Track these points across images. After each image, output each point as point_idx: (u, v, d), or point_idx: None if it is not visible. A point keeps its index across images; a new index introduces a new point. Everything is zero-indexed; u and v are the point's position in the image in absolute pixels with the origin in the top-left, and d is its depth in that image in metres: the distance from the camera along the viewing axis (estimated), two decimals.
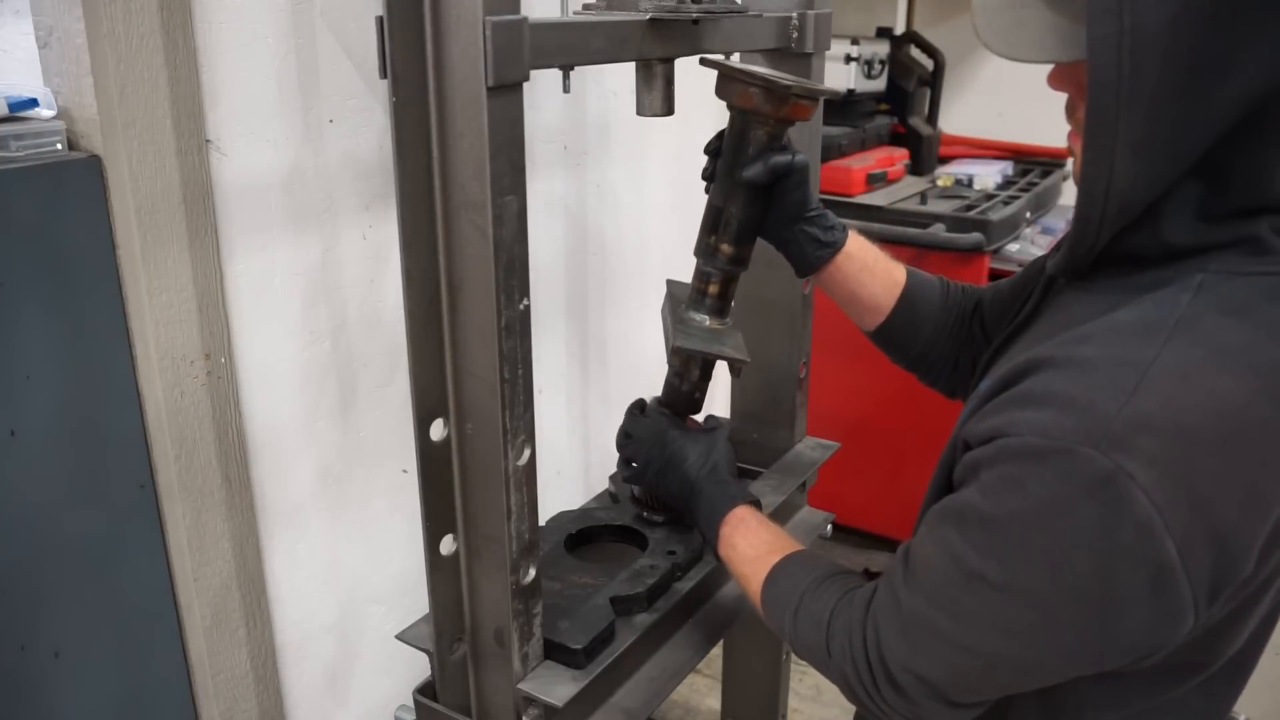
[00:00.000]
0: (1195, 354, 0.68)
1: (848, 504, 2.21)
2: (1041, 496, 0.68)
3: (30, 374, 1.06)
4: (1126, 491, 0.65)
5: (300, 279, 1.33)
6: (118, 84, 1.05)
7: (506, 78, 0.90)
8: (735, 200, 1.17)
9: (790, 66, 1.45)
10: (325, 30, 1.28)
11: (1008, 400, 0.74)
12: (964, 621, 0.75)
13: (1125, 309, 0.74)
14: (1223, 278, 0.72)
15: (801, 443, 1.66)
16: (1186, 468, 0.65)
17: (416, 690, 1.19)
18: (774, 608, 0.97)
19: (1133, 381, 0.67)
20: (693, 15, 1.13)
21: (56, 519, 1.12)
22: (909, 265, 1.23)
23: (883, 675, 0.81)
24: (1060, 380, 0.70)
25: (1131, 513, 0.65)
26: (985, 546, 0.73)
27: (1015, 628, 0.73)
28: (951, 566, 0.75)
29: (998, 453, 0.72)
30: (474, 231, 0.95)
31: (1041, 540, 0.69)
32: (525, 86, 0.93)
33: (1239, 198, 0.71)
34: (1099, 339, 0.72)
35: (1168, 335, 0.69)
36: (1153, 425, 0.66)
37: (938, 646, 0.77)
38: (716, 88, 1.15)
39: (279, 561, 1.39)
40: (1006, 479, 0.71)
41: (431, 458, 1.05)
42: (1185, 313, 0.70)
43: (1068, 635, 0.71)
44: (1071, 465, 0.66)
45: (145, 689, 1.26)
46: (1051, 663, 0.75)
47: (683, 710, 2.32)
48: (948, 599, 0.76)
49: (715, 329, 1.24)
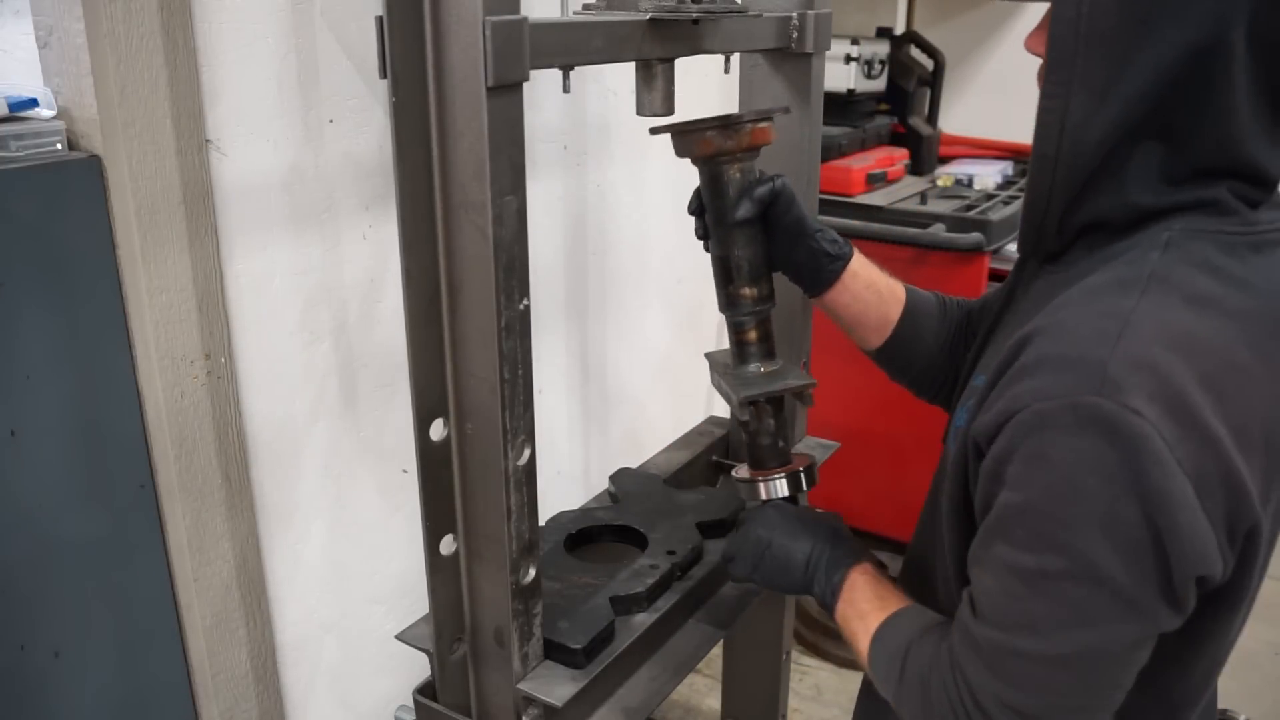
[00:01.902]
0: (1172, 301, 0.70)
1: (848, 504, 2.20)
2: (1066, 460, 0.68)
3: (30, 374, 1.06)
4: (1139, 429, 0.66)
5: (300, 279, 1.33)
6: (118, 84, 1.05)
7: (506, 78, 0.90)
8: (736, 244, 1.15)
9: (790, 66, 1.45)
10: (325, 30, 1.28)
11: (1005, 383, 0.74)
12: (1042, 630, 0.73)
13: (1096, 274, 0.76)
14: (1188, 235, 0.74)
15: (801, 443, 1.66)
16: (1184, 405, 0.67)
17: (416, 690, 1.19)
18: (879, 669, 0.91)
19: (1117, 328, 0.69)
20: (693, 15, 1.13)
21: (56, 519, 1.12)
22: (905, 282, 1.21)
23: (981, 718, 0.77)
24: (1047, 344, 0.72)
25: (1150, 449, 0.65)
26: (1033, 539, 0.71)
27: (1092, 612, 0.70)
28: (1009, 579, 0.73)
29: (1011, 436, 0.71)
30: (474, 231, 0.95)
31: (1083, 506, 0.68)
32: (525, 86, 0.93)
33: (1198, 158, 0.73)
34: (1076, 301, 0.74)
35: (1143, 287, 0.71)
36: (1144, 364, 0.67)
37: (1027, 669, 0.74)
38: (676, 149, 1.15)
39: (279, 561, 1.39)
40: (1028, 459, 0.70)
41: (431, 458, 1.05)
42: (1156, 267, 0.72)
43: (1140, 594, 0.69)
44: (1081, 417, 0.67)
45: (145, 689, 1.26)
46: (1136, 633, 0.72)
47: (683, 710, 2.32)
48: (1018, 614, 0.74)
49: (769, 372, 1.19)
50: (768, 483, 1.19)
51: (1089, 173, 0.75)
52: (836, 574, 1.02)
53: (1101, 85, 0.72)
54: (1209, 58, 0.70)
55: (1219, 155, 0.73)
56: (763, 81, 1.50)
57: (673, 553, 1.31)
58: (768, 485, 1.20)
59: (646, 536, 1.36)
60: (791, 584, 1.07)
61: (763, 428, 1.19)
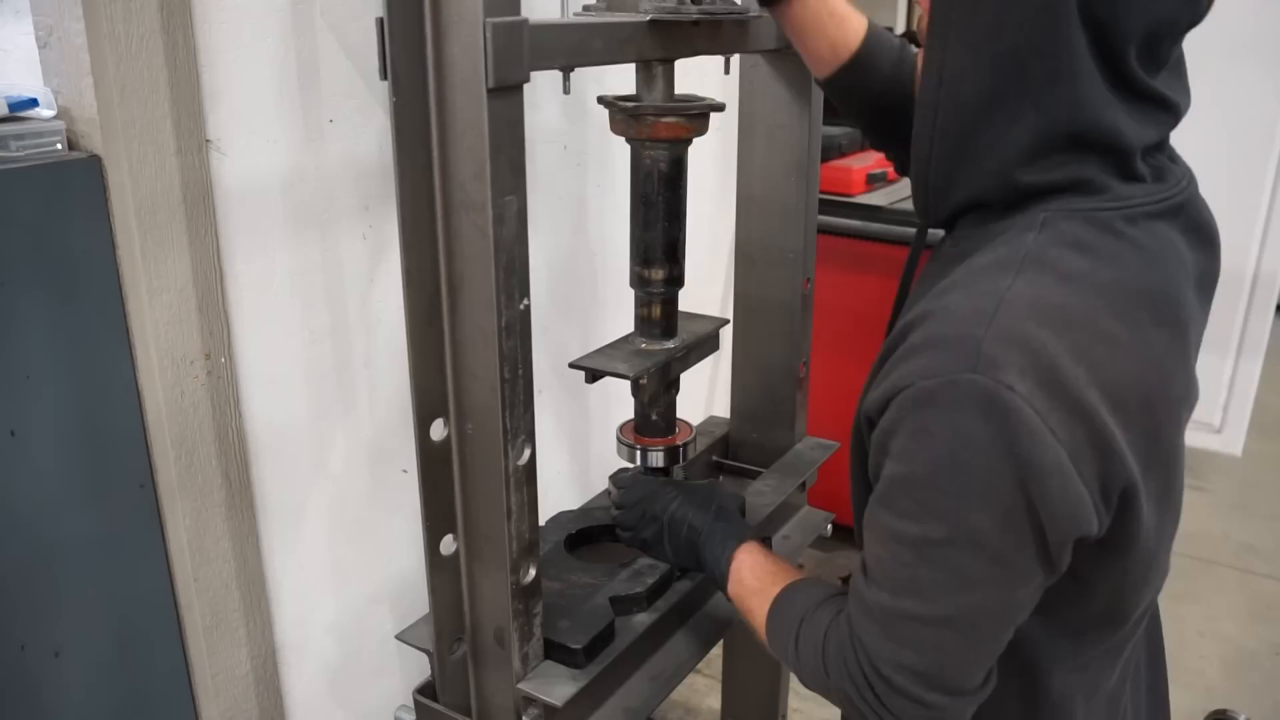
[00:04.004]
0: (1045, 280, 0.74)
1: (848, 504, 2.21)
2: (946, 434, 0.72)
3: (30, 374, 1.06)
4: (1011, 403, 0.69)
5: (300, 279, 1.33)
6: (118, 84, 1.05)
7: (507, 79, 0.90)
8: (646, 225, 1.27)
9: (790, 67, 1.45)
10: (325, 30, 1.28)
11: (893, 362, 0.78)
12: (928, 594, 0.77)
13: (979, 254, 0.79)
14: (1062, 215, 0.78)
15: (801, 443, 1.66)
16: (1055, 377, 0.71)
17: (416, 690, 1.20)
18: (776, 638, 0.96)
19: (992, 307, 0.73)
20: (693, 16, 1.13)
21: (56, 519, 1.12)
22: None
23: (880, 682, 0.81)
24: (933, 325, 0.75)
25: (1022, 421, 0.70)
26: (917, 509, 0.76)
27: (974, 576, 0.75)
28: (897, 547, 0.78)
29: (897, 412, 0.75)
30: (474, 231, 0.95)
31: (962, 477, 0.72)
32: (525, 86, 0.93)
33: (1060, 124, 0.76)
34: (960, 284, 0.77)
35: (1019, 268, 0.75)
36: (1015, 340, 0.71)
37: (917, 631, 0.79)
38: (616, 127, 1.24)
39: (279, 561, 1.39)
40: (911, 433, 0.74)
41: (431, 458, 1.05)
42: (1031, 248, 0.76)
43: (1018, 557, 0.74)
44: (959, 394, 0.71)
45: (145, 689, 1.26)
46: (1020, 594, 0.77)
47: (683, 710, 2.32)
48: (906, 579, 0.78)
49: (659, 349, 1.32)
50: (647, 451, 1.35)
51: (966, 132, 0.79)
52: (724, 554, 1.09)
53: (973, 40, 0.76)
54: (1053, 23, 0.73)
55: (1077, 121, 0.76)
56: (763, 82, 1.50)
57: None
58: (646, 454, 1.35)
59: None
60: (680, 559, 1.17)
61: (651, 399, 1.34)
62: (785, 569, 1.05)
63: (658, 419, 1.36)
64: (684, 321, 1.38)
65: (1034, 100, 0.76)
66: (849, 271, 2.55)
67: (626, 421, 1.40)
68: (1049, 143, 0.77)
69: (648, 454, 1.36)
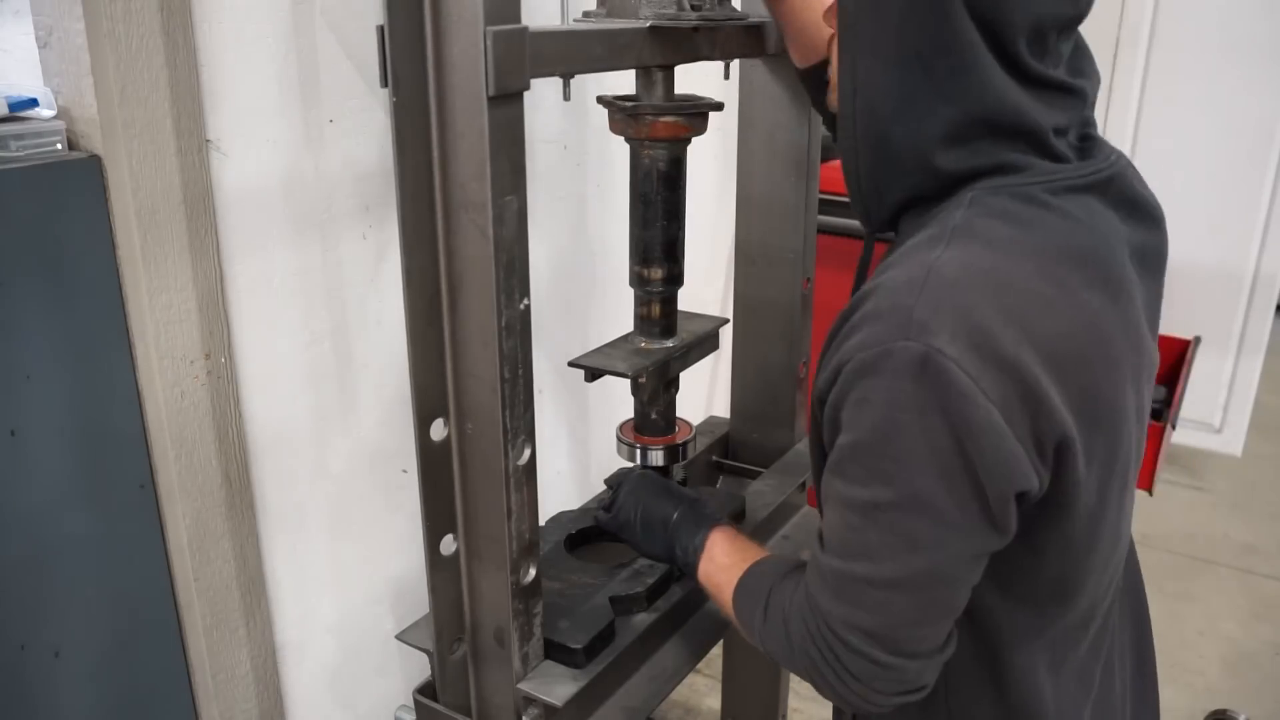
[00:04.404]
0: (973, 247, 0.78)
1: None
2: (884, 400, 0.75)
3: (30, 374, 1.06)
4: (942, 365, 0.72)
5: (300, 279, 1.33)
6: (118, 84, 1.05)
7: (508, 87, 0.90)
8: (645, 225, 1.28)
9: (789, 71, 1.45)
10: (325, 30, 1.28)
11: (838, 340, 0.82)
12: (877, 556, 0.80)
13: (915, 236, 0.83)
14: (988, 192, 0.81)
15: (801, 442, 1.66)
16: (984, 338, 0.73)
17: (416, 690, 1.20)
18: (744, 613, 0.98)
19: (922, 275, 0.76)
20: (693, 22, 1.13)
21: (56, 519, 1.12)
22: None
23: (838, 644, 0.83)
24: (871, 302, 0.79)
25: (953, 383, 0.72)
26: (865, 474, 0.79)
27: (920, 537, 0.78)
28: (848, 513, 0.81)
29: (842, 385, 0.79)
30: (474, 231, 0.95)
31: (903, 441, 0.75)
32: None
33: (974, 112, 0.79)
34: (896, 263, 0.81)
35: (947, 240, 0.79)
36: (944, 305, 0.74)
37: (868, 592, 0.81)
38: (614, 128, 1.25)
39: (279, 561, 1.39)
40: (855, 403, 0.78)
41: (431, 458, 1.05)
42: (959, 222, 0.80)
43: (962, 517, 0.76)
44: (894, 362, 0.74)
45: (145, 689, 1.26)
46: (964, 554, 0.80)
47: (683, 710, 2.32)
48: (857, 544, 0.81)
49: (657, 348, 1.34)
50: (647, 450, 1.38)
51: (885, 138, 0.83)
52: (697, 535, 1.12)
53: (879, 49, 0.81)
54: (947, 23, 0.77)
55: (986, 105, 0.79)
56: (763, 82, 1.50)
57: None
58: (645, 453, 1.38)
59: None
60: (652, 546, 1.19)
61: (650, 398, 1.35)
62: (756, 548, 1.08)
63: (657, 418, 1.36)
64: (684, 321, 1.38)
65: (944, 94, 0.79)
66: (849, 271, 2.54)
67: (626, 421, 1.40)
68: (964, 129, 0.80)
69: (647, 453, 1.36)
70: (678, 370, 1.35)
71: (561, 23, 1.09)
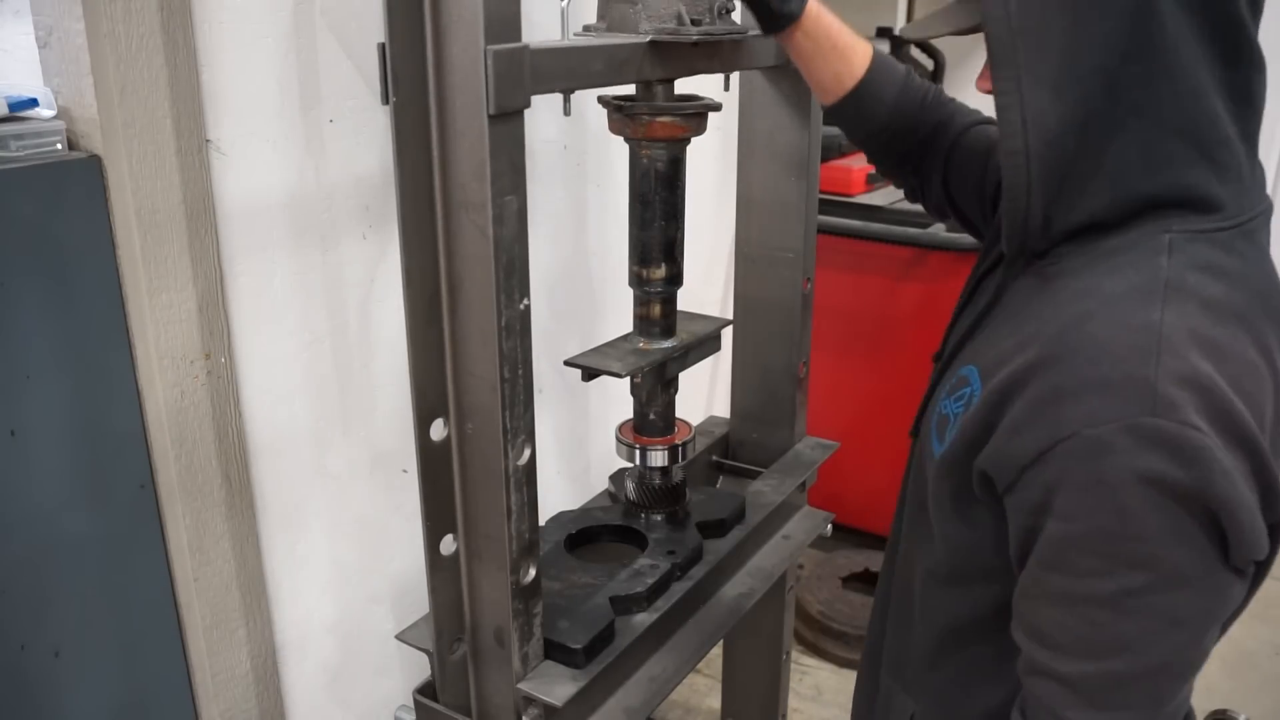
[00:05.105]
0: (1191, 309, 0.72)
1: (848, 504, 2.21)
2: (1129, 481, 0.68)
3: (30, 374, 1.06)
4: (1200, 443, 0.67)
5: (300, 279, 1.33)
6: (118, 84, 1.05)
7: (508, 105, 0.90)
8: (645, 226, 1.28)
9: (788, 81, 1.45)
10: (325, 30, 1.28)
11: (1034, 410, 0.73)
12: (1138, 647, 0.72)
13: (1103, 277, 0.76)
14: (1186, 238, 0.75)
15: (801, 442, 1.66)
16: (1228, 415, 0.69)
17: (416, 690, 1.20)
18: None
19: (1154, 344, 0.70)
20: (693, 37, 1.13)
21: (56, 519, 1.12)
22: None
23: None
24: (1083, 365, 0.72)
25: (1215, 460, 0.68)
26: (1104, 563, 0.71)
27: (1180, 612, 0.72)
28: (1088, 608, 0.73)
29: (1061, 465, 0.71)
30: (474, 231, 0.95)
31: (1155, 520, 0.69)
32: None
33: (1167, 123, 0.74)
34: (1099, 314, 0.74)
35: (1163, 297, 0.72)
36: (1189, 379, 0.69)
37: (1131, 689, 0.74)
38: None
39: (279, 561, 1.39)
40: (1084, 486, 0.70)
41: (431, 458, 1.05)
42: (1170, 275, 0.74)
43: (1217, 585, 0.72)
44: (1140, 439, 0.68)
45: (145, 689, 1.26)
46: (1220, 618, 0.75)
47: (683, 710, 2.32)
48: (1109, 639, 0.73)
49: (656, 349, 1.34)
50: (646, 450, 1.37)
51: (1065, 165, 0.77)
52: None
53: (1048, 73, 0.75)
54: (1143, 21, 0.72)
55: (1184, 115, 0.74)
56: (763, 85, 1.50)
57: (673, 553, 1.31)
58: (645, 453, 1.37)
59: (646, 537, 1.36)
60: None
61: (648, 398, 1.35)
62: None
63: (655, 418, 1.36)
64: (684, 321, 1.38)
65: (1133, 108, 0.74)
66: (849, 271, 2.55)
67: (626, 421, 1.40)
68: (1158, 145, 0.75)
69: (646, 453, 1.36)
70: (676, 371, 1.35)
71: (561, 37, 1.09)
